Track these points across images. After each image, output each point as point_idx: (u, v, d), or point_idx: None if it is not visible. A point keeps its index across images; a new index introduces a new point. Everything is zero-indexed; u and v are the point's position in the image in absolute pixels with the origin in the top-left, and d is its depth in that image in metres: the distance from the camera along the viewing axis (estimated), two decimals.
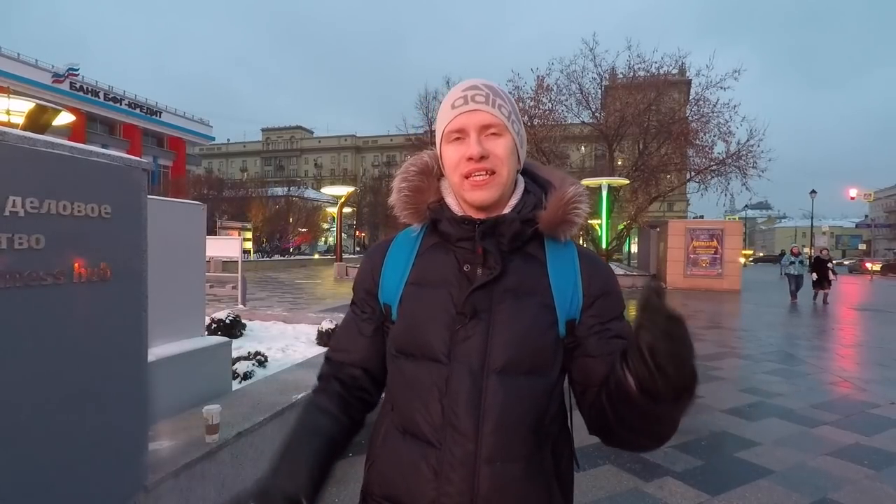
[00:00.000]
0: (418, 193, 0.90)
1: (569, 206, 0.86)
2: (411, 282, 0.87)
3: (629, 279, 18.11)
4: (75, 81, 32.02)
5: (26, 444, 1.57)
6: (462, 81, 0.87)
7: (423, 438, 0.81)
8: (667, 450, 3.45)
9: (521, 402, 0.79)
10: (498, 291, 0.82)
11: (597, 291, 0.86)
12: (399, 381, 0.87)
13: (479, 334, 0.80)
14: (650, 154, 21.63)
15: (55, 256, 1.59)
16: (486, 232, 0.83)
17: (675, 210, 42.44)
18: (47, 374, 1.62)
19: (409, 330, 0.85)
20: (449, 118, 0.83)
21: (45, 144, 1.58)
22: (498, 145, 0.82)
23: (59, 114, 6.33)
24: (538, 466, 0.81)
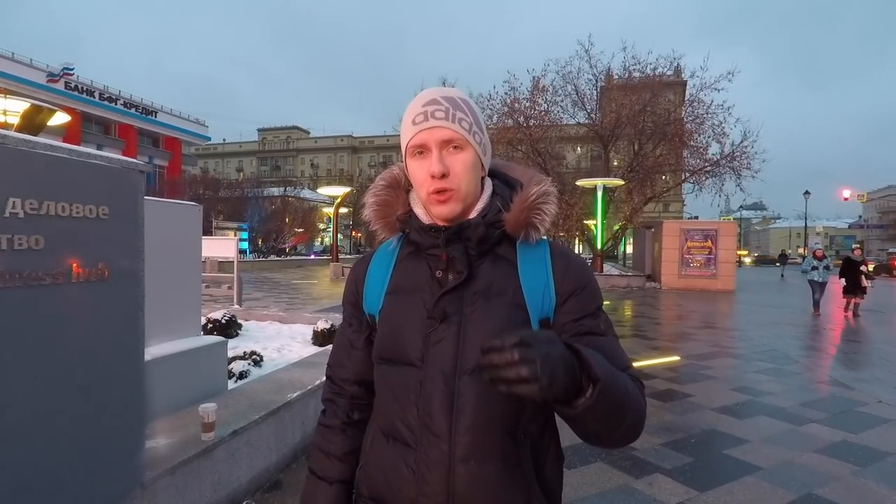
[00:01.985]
0: (387, 207, 0.93)
1: (532, 208, 0.86)
2: (389, 291, 0.91)
3: (624, 279, 18.21)
4: (70, 81, 31.87)
5: (24, 441, 1.60)
6: (422, 93, 0.87)
7: (402, 440, 0.85)
8: (657, 447, 3.51)
9: (495, 402, 0.80)
10: (468, 294, 0.84)
11: (569, 289, 0.87)
12: (382, 386, 0.90)
13: (450, 337, 0.83)
14: (645, 155, 21.75)
15: (54, 257, 1.62)
16: (450, 238, 0.85)
17: (670, 210, 42.59)
18: (46, 373, 1.65)
19: (387, 337, 0.88)
20: (411, 134, 0.85)
21: (45, 147, 1.62)
22: (458, 161, 0.84)
23: (55, 114, 6.33)
24: (516, 466, 0.82)
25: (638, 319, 10.15)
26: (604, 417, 0.71)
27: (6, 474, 1.55)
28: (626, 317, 10.56)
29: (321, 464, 0.98)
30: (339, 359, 1.00)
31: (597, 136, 22.66)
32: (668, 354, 6.66)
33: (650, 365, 6.02)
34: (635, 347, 7.11)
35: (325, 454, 0.98)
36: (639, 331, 8.65)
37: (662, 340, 7.79)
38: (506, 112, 22.22)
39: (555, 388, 0.63)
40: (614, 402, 0.71)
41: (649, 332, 8.56)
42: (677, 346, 7.28)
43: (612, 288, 17.04)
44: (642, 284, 17.70)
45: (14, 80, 27.83)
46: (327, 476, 0.97)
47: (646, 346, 7.28)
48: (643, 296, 14.92)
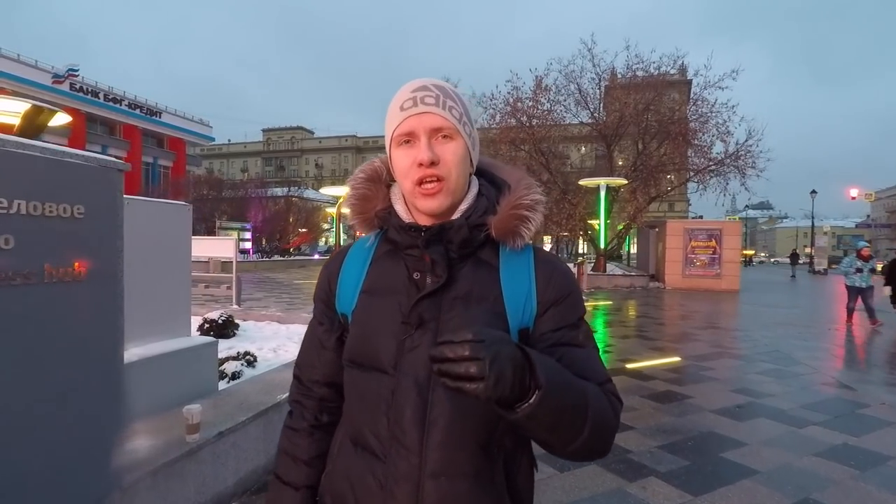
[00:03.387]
0: (366, 202, 0.88)
1: (520, 216, 0.82)
2: (364, 290, 0.86)
3: (627, 279, 18.11)
4: (75, 82, 32.05)
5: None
6: (410, 81, 0.83)
7: (370, 451, 0.81)
8: (653, 450, 3.46)
9: (469, 416, 0.77)
10: (447, 300, 0.80)
11: (551, 298, 0.82)
12: (351, 391, 0.86)
13: (425, 344, 0.77)
14: (649, 154, 21.65)
15: (25, 257, 1.59)
16: (431, 239, 0.80)
17: (675, 210, 42.44)
18: (19, 374, 1.62)
19: (359, 339, 0.84)
20: (398, 121, 0.80)
21: (14, 145, 1.59)
22: (448, 150, 0.79)
23: (56, 114, 6.31)
24: (488, 482, 0.79)
25: (640, 320, 10.08)
26: (549, 427, 0.67)
27: None
28: (629, 317, 10.49)
29: (287, 468, 0.94)
30: (308, 358, 0.96)
31: (600, 135, 22.57)
32: (669, 355, 6.59)
33: (650, 366, 5.96)
34: (636, 348, 7.04)
35: (292, 458, 0.94)
36: (641, 331, 8.58)
37: (664, 341, 7.72)
38: (509, 111, 22.18)
39: (499, 388, 0.60)
40: (563, 412, 0.67)
41: (651, 332, 8.49)
42: (679, 347, 7.21)
43: (615, 288, 16.96)
44: (646, 284, 17.60)
45: (19, 82, 28.05)
46: (293, 481, 0.93)
47: (647, 346, 7.21)
48: (646, 296, 14.82)
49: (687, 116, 21.38)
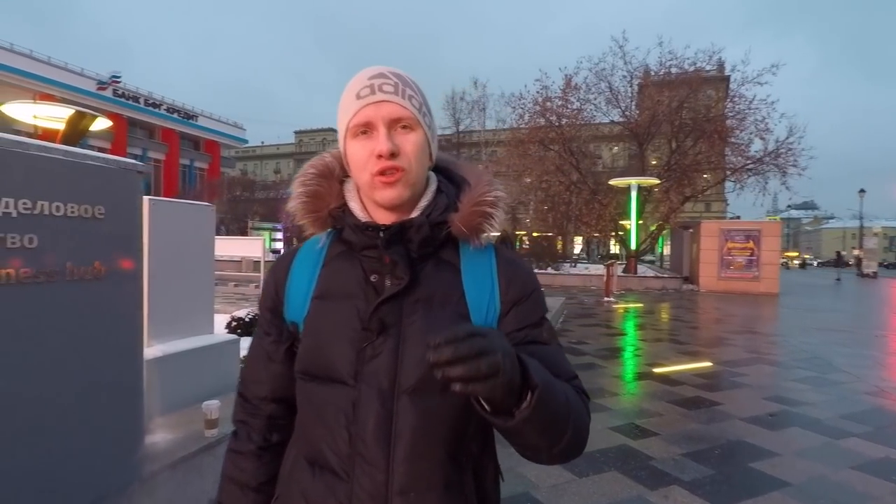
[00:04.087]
0: (318, 199, 0.82)
1: (483, 212, 0.78)
2: (316, 296, 0.80)
3: (659, 281, 17.67)
4: (118, 88, 33.53)
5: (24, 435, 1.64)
6: (366, 68, 0.77)
7: (330, 470, 0.75)
8: (677, 457, 3.35)
9: (437, 425, 0.73)
10: (408, 303, 0.75)
11: (514, 297, 0.80)
12: (306, 406, 0.80)
13: (388, 351, 0.73)
14: (683, 153, 21.04)
15: (49, 256, 1.66)
16: (391, 239, 0.75)
17: (712, 210, 41.11)
18: (43, 369, 1.69)
19: (313, 349, 0.78)
20: (354, 110, 0.75)
21: (38, 148, 1.66)
22: (408, 141, 0.74)
23: (97, 119, 6.62)
24: (458, 493, 0.75)
25: (672, 323, 9.81)
26: (543, 429, 0.65)
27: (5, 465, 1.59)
28: (660, 320, 10.22)
29: (232, 497, 0.86)
30: (253, 373, 0.88)
31: (632, 134, 22.08)
32: (700, 360, 6.38)
33: (679, 371, 5.78)
34: (665, 352, 6.85)
35: (238, 485, 0.86)
36: (671, 335, 8.34)
37: (695, 345, 7.48)
38: (537, 111, 21.96)
39: (511, 385, 0.58)
40: (553, 412, 0.65)
41: (682, 336, 8.24)
42: (711, 352, 6.98)
43: (646, 290, 16.56)
44: (679, 286, 17.12)
45: (67, 89, 29.46)
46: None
47: (677, 350, 7.01)
48: (679, 298, 14.42)
49: (724, 113, 20.70)
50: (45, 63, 30.09)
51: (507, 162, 24.33)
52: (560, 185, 21.96)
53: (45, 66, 30.03)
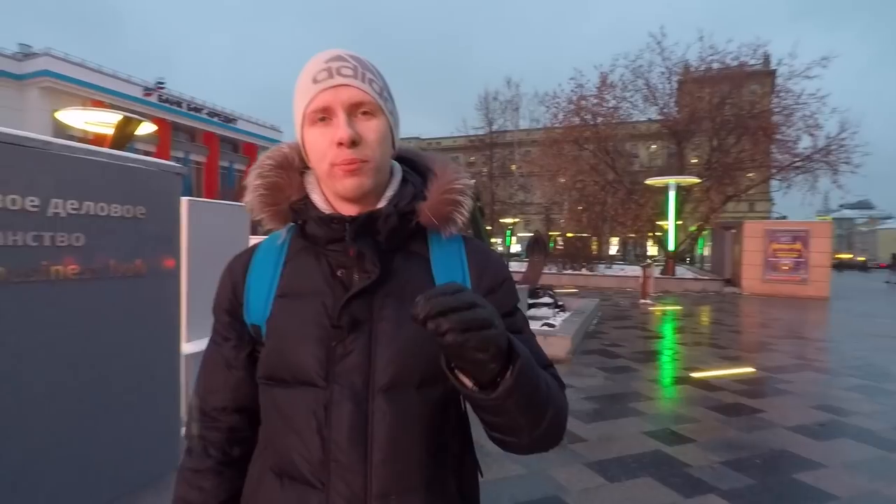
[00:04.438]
0: (277, 191, 0.76)
1: (453, 200, 0.76)
2: (280, 295, 0.75)
3: (699, 283, 17.10)
4: (162, 94, 35.07)
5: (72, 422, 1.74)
6: (323, 52, 0.73)
7: (302, 480, 0.70)
8: (715, 465, 3.23)
9: (415, 423, 0.70)
10: (379, 297, 0.72)
11: (488, 287, 0.77)
12: (272, 413, 0.74)
13: (360, 349, 0.70)
14: (725, 151, 20.29)
15: (94, 253, 1.75)
16: (359, 230, 0.71)
17: (756, 210, 39.52)
18: (88, 361, 1.78)
19: (278, 351, 0.73)
20: (311, 95, 0.70)
21: (85, 152, 1.75)
22: (370, 128, 0.70)
23: (142, 124, 6.95)
24: (440, 492, 0.73)
25: (712, 327, 9.47)
26: (526, 405, 0.62)
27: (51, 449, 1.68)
28: (699, 323, 9.88)
29: None
30: (211, 383, 0.81)
31: (670, 132, 21.47)
32: (742, 365, 6.14)
33: (718, 376, 5.58)
34: (705, 357, 6.62)
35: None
36: (711, 339, 8.06)
37: (737, 350, 7.20)
38: (572, 110, 21.64)
39: (503, 345, 0.56)
40: (535, 387, 0.62)
41: (723, 340, 7.95)
42: (753, 357, 6.70)
43: (685, 292, 16.06)
44: (720, 289, 16.53)
45: (116, 95, 31.01)
46: None
47: (717, 355, 6.76)
48: (720, 301, 13.91)
49: (769, 109, 19.86)
50: (97, 72, 31.81)
51: (541, 162, 24.10)
52: (595, 185, 21.58)
53: (97, 74, 31.75)
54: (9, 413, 1.53)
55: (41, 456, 1.60)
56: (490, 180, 31.68)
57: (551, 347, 6.24)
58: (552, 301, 8.88)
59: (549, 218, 35.03)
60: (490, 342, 0.54)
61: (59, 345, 1.68)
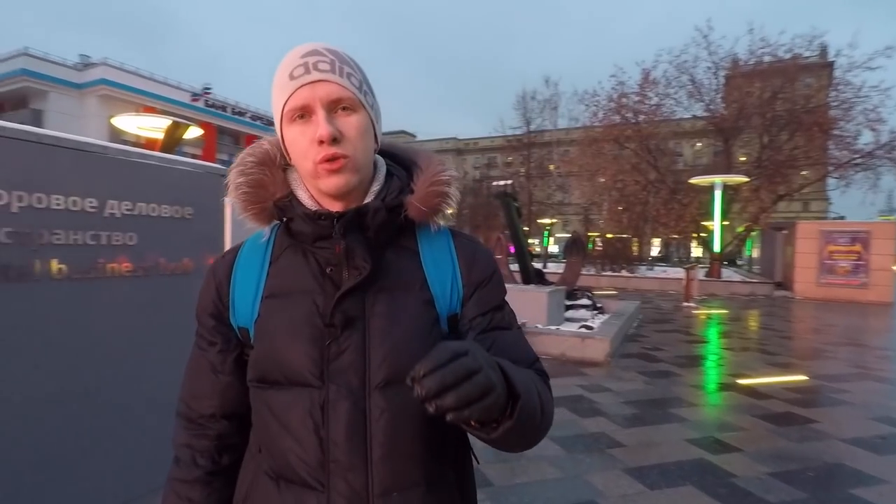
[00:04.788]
0: (260, 188, 0.74)
1: (440, 192, 0.76)
2: (267, 295, 0.73)
3: (747, 286, 16.39)
4: (209, 99, 36.75)
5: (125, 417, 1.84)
6: (298, 46, 0.71)
7: (300, 482, 0.69)
8: (762, 476, 3.08)
9: (414, 419, 0.69)
10: (371, 293, 0.71)
11: (477, 280, 0.78)
12: (265, 416, 0.72)
13: (354, 346, 0.69)
14: (777, 147, 19.34)
15: (146, 252, 1.85)
16: (347, 226, 0.70)
17: (811, 210, 37.55)
18: (140, 356, 1.88)
19: (269, 353, 0.71)
20: (288, 92, 0.68)
21: (138, 156, 1.85)
22: (350, 124, 0.69)
23: (189, 128, 7.28)
24: (441, 486, 0.72)
25: (761, 332, 9.05)
26: (523, 433, 0.63)
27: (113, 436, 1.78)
28: (747, 328, 9.47)
29: None
30: (197, 389, 0.78)
31: (716, 129, 20.66)
32: (794, 373, 5.84)
33: (767, 383, 5.33)
34: (752, 363, 6.34)
35: None
36: (760, 344, 7.70)
37: (788, 356, 6.85)
38: (612, 108, 21.16)
39: (502, 399, 0.55)
40: (532, 415, 0.63)
41: (772, 346, 7.58)
42: (806, 364, 6.36)
43: (732, 296, 15.42)
44: (770, 293, 15.78)
45: (166, 101, 32.66)
46: None
47: (766, 361, 6.45)
48: (770, 305, 13.27)
49: (826, 103, 18.80)
50: (149, 79, 33.67)
51: (580, 161, 23.66)
52: (636, 185, 21.01)
53: (149, 81, 33.60)
54: (68, 403, 1.63)
55: (97, 444, 1.70)
56: (528, 180, 31.40)
57: (588, 350, 6.13)
58: (590, 303, 8.71)
59: (587, 218, 34.35)
60: (492, 408, 0.53)
61: (112, 340, 1.78)
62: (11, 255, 1.46)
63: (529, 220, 30.23)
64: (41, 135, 1.56)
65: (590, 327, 7.05)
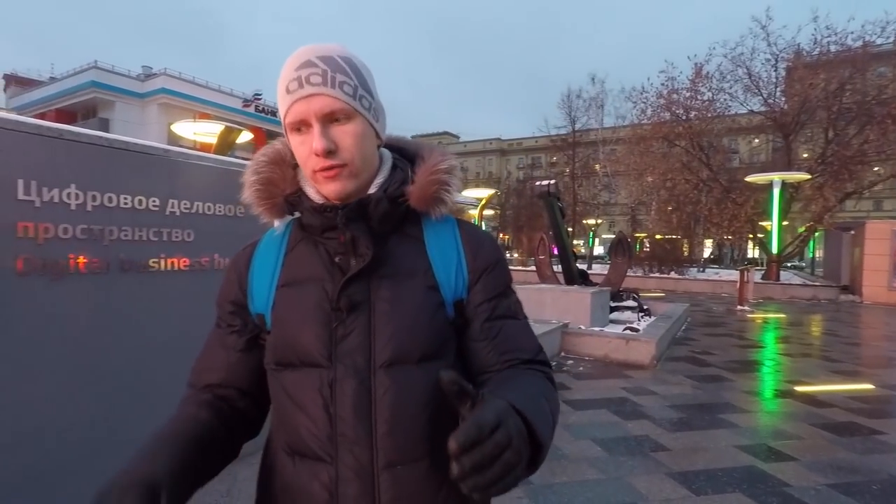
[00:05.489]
0: (272, 185, 0.80)
1: (439, 180, 0.78)
2: (282, 284, 0.79)
3: (808, 290, 15.46)
4: (259, 104, 38.20)
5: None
6: (296, 52, 0.73)
7: (312, 456, 0.73)
8: (819, 487, 2.93)
9: (417, 395, 0.73)
10: (375, 279, 0.75)
11: (482, 266, 0.80)
12: (281, 396, 0.77)
13: (360, 328, 0.73)
14: (844, 143, 18.12)
15: (201, 247, 1.98)
16: (349, 217, 0.74)
17: (884, 209, 35.00)
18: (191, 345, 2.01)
19: (284, 337, 0.76)
20: (286, 106, 0.72)
21: (196, 158, 1.98)
22: (346, 134, 0.72)
23: (241, 133, 7.64)
24: (445, 461, 0.71)
25: (823, 337, 8.53)
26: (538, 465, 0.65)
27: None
28: (808, 334, 8.94)
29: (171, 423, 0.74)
30: (206, 362, 0.83)
31: (775, 124, 19.59)
32: (858, 381, 5.48)
33: (828, 391, 5.03)
34: (812, 369, 5.99)
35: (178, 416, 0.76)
36: (822, 350, 7.27)
37: (853, 364, 6.43)
38: (662, 105, 20.49)
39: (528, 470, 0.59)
40: (548, 448, 0.65)
41: (836, 352, 7.13)
42: (873, 373, 5.95)
43: (791, 299, 14.60)
44: (835, 297, 14.83)
45: (219, 108, 34.23)
46: None
47: (827, 368, 6.09)
48: (835, 310, 12.47)
49: None
50: (204, 87, 35.47)
51: (627, 160, 23.06)
52: (687, 184, 20.25)
53: (204, 89, 35.40)
54: (136, 388, 1.77)
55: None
56: (572, 180, 30.84)
57: (633, 352, 5.98)
58: (636, 304, 8.48)
59: (634, 219, 33.37)
60: (519, 479, 0.56)
61: (170, 329, 1.91)
62: (86, 249, 1.61)
63: (574, 220, 29.68)
64: (112, 140, 1.70)
65: (635, 329, 6.87)
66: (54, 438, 1.55)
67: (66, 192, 1.56)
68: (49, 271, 1.53)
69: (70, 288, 1.59)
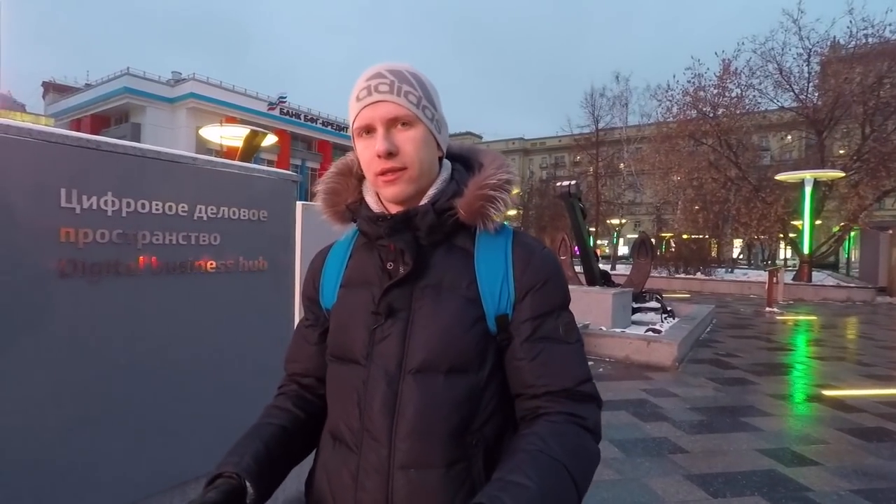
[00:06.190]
0: (335, 195, 0.88)
1: (487, 197, 0.79)
2: (342, 284, 0.87)
3: (843, 291, 14.96)
4: (284, 107, 38.89)
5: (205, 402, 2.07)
6: (367, 69, 0.80)
7: (345, 443, 0.80)
8: (843, 493, 2.88)
9: (440, 405, 0.75)
10: (417, 288, 0.79)
11: (530, 283, 0.80)
12: (331, 384, 0.86)
13: (395, 334, 0.78)
14: (883, 138, 17.44)
15: (227, 250, 2.07)
16: (395, 227, 0.78)
17: None
18: (222, 347, 2.10)
19: (337, 333, 0.85)
20: (355, 112, 0.79)
21: (222, 165, 2.08)
22: (407, 139, 0.77)
23: (266, 136, 7.83)
24: (463, 474, 0.76)
25: (857, 340, 8.27)
26: None
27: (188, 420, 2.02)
28: (840, 336, 8.67)
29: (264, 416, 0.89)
30: (292, 353, 0.96)
31: (808, 120, 19.00)
32: (891, 385, 5.32)
33: (858, 395, 4.90)
34: (842, 373, 5.84)
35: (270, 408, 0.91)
36: (855, 354, 7.06)
37: (885, 367, 6.23)
38: (688, 102, 20.11)
39: None
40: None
41: (869, 356, 6.92)
42: None
43: (823, 301, 14.16)
44: (870, 298, 14.31)
45: (244, 111, 34.98)
46: None
47: (858, 372, 5.92)
48: (870, 313, 12.04)
49: None
50: (231, 91, 36.26)
51: (652, 159, 22.71)
52: (714, 183, 19.81)
53: (230, 93, 36.23)
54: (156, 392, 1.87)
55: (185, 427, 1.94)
56: (595, 180, 30.49)
57: (655, 354, 5.93)
58: (659, 306, 8.37)
59: (660, 218, 32.81)
60: None
61: (198, 330, 2.01)
62: (121, 253, 1.71)
63: (598, 220, 29.34)
64: (144, 149, 1.81)
65: (657, 331, 6.80)
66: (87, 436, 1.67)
67: (104, 200, 1.67)
68: (88, 274, 1.64)
69: (107, 290, 1.70)
